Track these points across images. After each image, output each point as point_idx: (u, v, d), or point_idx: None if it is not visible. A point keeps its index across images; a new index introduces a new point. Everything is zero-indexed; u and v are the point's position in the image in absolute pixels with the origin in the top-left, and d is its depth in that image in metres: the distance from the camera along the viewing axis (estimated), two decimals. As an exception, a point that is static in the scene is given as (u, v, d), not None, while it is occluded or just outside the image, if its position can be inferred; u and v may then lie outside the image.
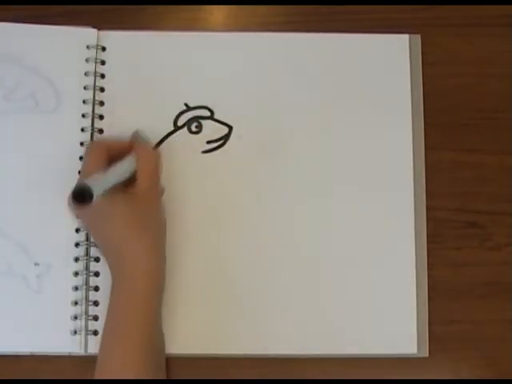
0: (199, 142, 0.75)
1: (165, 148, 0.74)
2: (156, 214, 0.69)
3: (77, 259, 0.72)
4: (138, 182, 0.68)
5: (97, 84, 0.75)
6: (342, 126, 0.75)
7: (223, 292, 0.72)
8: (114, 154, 0.69)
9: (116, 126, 0.75)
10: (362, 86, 0.76)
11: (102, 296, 0.71)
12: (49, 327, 0.71)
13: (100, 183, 0.64)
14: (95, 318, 0.71)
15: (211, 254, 0.73)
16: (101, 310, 0.71)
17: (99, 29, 0.76)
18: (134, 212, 0.67)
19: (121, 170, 0.67)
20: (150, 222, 0.68)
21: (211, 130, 0.75)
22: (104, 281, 0.72)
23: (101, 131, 0.74)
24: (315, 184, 0.74)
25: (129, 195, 0.67)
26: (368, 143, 0.75)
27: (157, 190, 0.70)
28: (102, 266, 0.72)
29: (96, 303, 0.72)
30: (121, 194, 0.67)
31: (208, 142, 0.75)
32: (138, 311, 0.66)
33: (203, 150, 0.74)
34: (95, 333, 0.71)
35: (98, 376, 0.65)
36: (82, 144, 0.74)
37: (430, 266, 0.73)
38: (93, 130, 0.74)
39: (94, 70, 0.75)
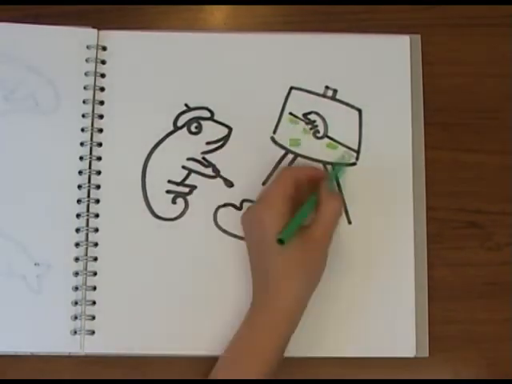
0: (199, 142, 0.75)
1: (164, 148, 0.74)
2: (320, 263, 0.69)
3: (77, 259, 0.72)
4: (316, 229, 0.67)
5: (97, 84, 0.75)
6: (342, 125, 0.75)
7: (224, 295, 0.72)
8: (300, 179, 0.69)
9: (116, 126, 0.75)
10: (361, 86, 0.76)
11: (101, 296, 0.72)
12: (49, 327, 0.71)
13: (290, 231, 0.66)
14: (94, 318, 0.72)
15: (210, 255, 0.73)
16: (98, 310, 0.72)
17: (99, 29, 0.76)
18: (302, 255, 0.67)
19: (306, 214, 0.68)
20: (311, 269, 0.68)
21: (211, 130, 0.75)
22: (102, 281, 0.72)
23: (101, 131, 0.74)
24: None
25: (303, 239, 0.67)
26: (368, 143, 0.75)
27: (330, 240, 0.69)
28: (101, 266, 0.72)
29: (95, 303, 0.72)
30: (297, 236, 0.66)
31: (207, 143, 0.75)
32: (265, 349, 0.67)
33: (202, 150, 0.75)
34: (93, 333, 0.71)
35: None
36: (82, 144, 0.74)
37: (430, 266, 0.73)
38: (93, 129, 0.74)
39: (94, 70, 0.75)
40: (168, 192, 0.74)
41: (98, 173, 0.74)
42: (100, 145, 0.74)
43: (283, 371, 0.71)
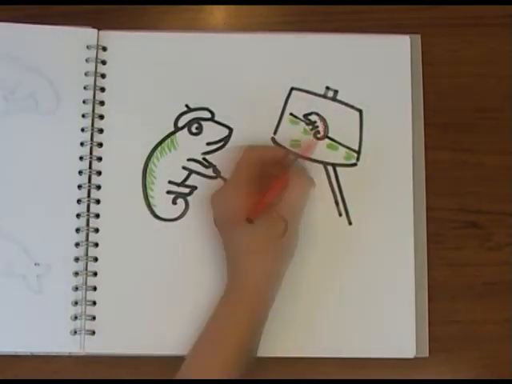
0: (199, 143, 0.75)
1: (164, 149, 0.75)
2: (289, 240, 0.68)
3: (77, 259, 0.72)
4: (284, 207, 0.68)
5: (97, 84, 0.75)
6: (342, 126, 0.75)
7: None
8: (265, 158, 0.70)
9: (116, 126, 0.75)
10: (362, 86, 0.76)
11: (101, 296, 0.72)
12: (49, 327, 0.71)
13: (259, 210, 0.66)
14: (94, 318, 0.72)
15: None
16: (98, 310, 0.72)
17: (99, 29, 0.76)
18: (269, 231, 0.67)
19: (275, 193, 0.68)
20: (279, 245, 0.68)
21: (211, 131, 0.75)
22: (103, 281, 0.72)
23: (101, 131, 0.74)
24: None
25: (272, 216, 0.67)
26: (367, 143, 0.75)
27: (299, 217, 0.70)
28: (101, 267, 0.72)
29: (95, 303, 0.72)
30: (266, 213, 0.67)
31: (208, 144, 0.75)
32: (240, 324, 0.67)
33: (203, 151, 0.75)
34: (93, 333, 0.71)
35: (180, 374, 0.66)
36: (82, 144, 0.74)
37: (430, 266, 0.73)
38: (93, 129, 0.74)
39: (94, 70, 0.75)
40: (168, 192, 0.74)
41: (99, 173, 0.74)
42: (100, 145, 0.74)
43: (283, 371, 0.72)
